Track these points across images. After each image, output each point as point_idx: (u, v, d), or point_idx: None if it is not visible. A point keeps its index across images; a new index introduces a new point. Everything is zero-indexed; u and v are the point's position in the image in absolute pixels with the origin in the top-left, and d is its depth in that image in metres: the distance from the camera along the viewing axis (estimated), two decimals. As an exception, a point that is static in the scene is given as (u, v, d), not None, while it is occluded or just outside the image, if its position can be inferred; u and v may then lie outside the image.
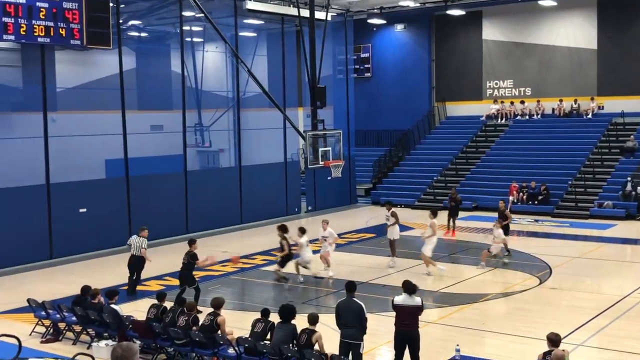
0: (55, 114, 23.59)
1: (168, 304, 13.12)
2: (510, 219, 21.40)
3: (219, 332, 11.70)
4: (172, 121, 26.45)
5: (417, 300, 11.04)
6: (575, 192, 28.57)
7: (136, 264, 17.24)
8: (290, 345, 10.85)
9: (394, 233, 19.88)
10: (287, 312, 11.14)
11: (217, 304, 12.04)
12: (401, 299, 11.06)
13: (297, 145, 30.48)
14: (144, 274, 17.76)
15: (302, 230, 18.39)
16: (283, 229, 18.09)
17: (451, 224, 24.27)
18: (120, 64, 23.36)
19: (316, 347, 10.67)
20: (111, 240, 22.59)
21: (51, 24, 20.01)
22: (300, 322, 11.16)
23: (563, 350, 9.51)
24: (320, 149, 20.88)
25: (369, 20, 36.05)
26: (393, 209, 20.13)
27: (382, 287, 17.24)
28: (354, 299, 11.04)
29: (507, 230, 20.78)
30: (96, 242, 22.39)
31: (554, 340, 9.84)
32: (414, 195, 31.80)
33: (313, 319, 10.96)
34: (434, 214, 18.95)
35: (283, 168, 29.56)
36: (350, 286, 11.22)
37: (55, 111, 23.74)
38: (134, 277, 17.23)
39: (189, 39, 30.13)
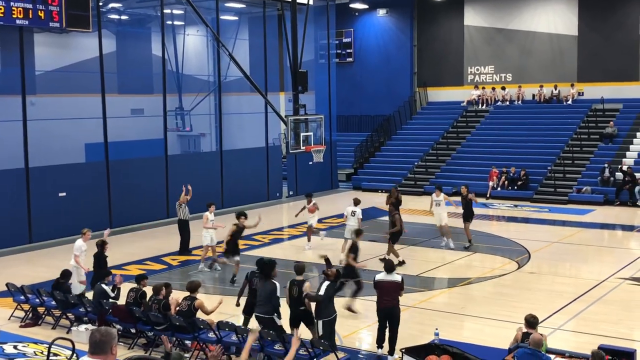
0: (34, 97, 23.37)
1: (147, 289, 13.08)
2: (471, 201, 20.09)
3: (200, 314, 11.70)
4: (153, 105, 26.27)
5: (396, 277, 11.48)
6: (554, 177, 28.81)
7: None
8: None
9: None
10: (268, 268, 11.30)
11: (193, 288, 12.03)
12: (381, 276, 11.55)
13: (278, 130, 30.43)
14: (125, 259, 17.69)
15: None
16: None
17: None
18: (100, 47, 23.14)
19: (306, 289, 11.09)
20: (91, 225, 22.34)
21: (30, 6, 19.75)
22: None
23: (541, 334, 9.65)
24: (302, 134, 20.84)
25: (351, 5, 35.95)
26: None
27: (363, 272, 17.31)
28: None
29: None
30: (76, 226, 22.12)
31: (531, 322, 10.00)
32: (395, 180, 31.88)
33: (300, 269, 11.54)
34: (440, 189, 19.86)
35: (264, 153, 29.51)
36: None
37: (34, 94, 23.52)
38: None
39: (169, 22, 29.88)
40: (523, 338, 9.72)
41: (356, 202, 19.18)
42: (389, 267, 11.64)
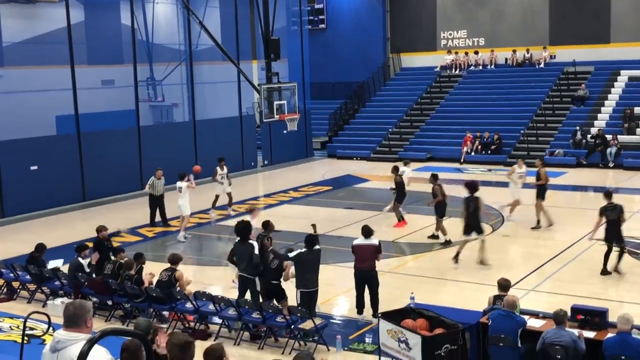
0: (1, 70, 22.96)
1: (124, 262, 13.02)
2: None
3: (178, 287, 11.72)
4: (123, 75, 25.93)
5: (374, 241, 11.71)
6: (527, 141, 29.00)
7: None
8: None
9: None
10: (244, 231, 11.35)
11: (174, 260, 12.04)
12: (359, 240, 11.79)
13: (251, 99, 30.21)
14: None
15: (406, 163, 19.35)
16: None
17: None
18: (67, 17, 22.71)
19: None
20: (64, 198, 22.30)
21: (-7, -25, 19.30)
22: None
23: (513, 295, 9.79)
24: (275, 103, 20.70)
25: (323, -29, 35.56)
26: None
27: (339, 239, 17.39)
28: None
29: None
30: (49, 199, 22.05)
31: (504, 285, 10.16)
32: (369, 148, 31.94)
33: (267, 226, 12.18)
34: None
35: (238, 122, 29.31)
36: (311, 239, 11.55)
37: (1, 67, 23.10)
38: None
39: (138, -9, 29.42)
40: (495, 300, 9.86)
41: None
42: (367, 232, 11.77)
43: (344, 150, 32.44)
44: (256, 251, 11.27)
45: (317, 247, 11.35)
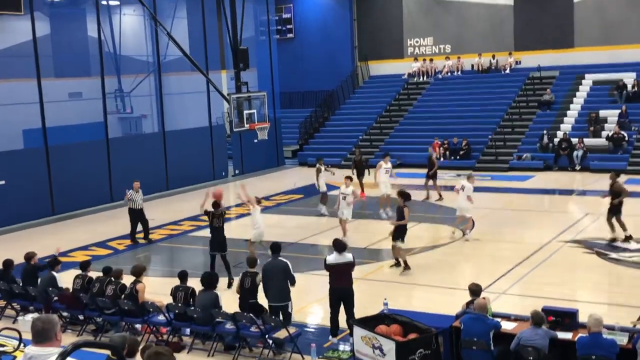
0: (-34, 84, 22.66)
1: (93, 274, 12.94)
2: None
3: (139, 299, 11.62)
4: (91, 88, 25.74)
5: (348, 256, 11.29)
6: (495, 145, 29.33)
7: None
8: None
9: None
10: (210, 280, 11.24)
11: (137, 271, 11.95)
12: (333, 257, 11.26)
13: (221, 108, 30.01)
14: (69, 245, 17.41)
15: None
16: (405, 197, 16.94)
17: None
18: (33, 30, 22.51)
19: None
20: (33, 212, 22.04)
21: (-44, -11, 19.07)
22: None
23: (484, 297, 9.91)
24: (245, 112, 20.72)
25: (290, -20, 35.68)
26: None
27: (311, 247, 17.43)
28: (280, 258, 11.28)
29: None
30: (17, 214, 21.78)
31: (474, 290, 10.27)
32: (340, 155, 32.00)
33: (252, 262, 11.63)
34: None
35: (208, 132, 29.24)
36: (275, 247, 11.48)
37: (-34, 81, 22.81)
38: None
39: (104, 2, 29.23)
40: (467, 306, 9.95)
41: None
42: (341, 247, 11.27)
43: (315, 158, 32.46)
44: (219, 302, 11.04)
45: (282, 259, 11.33)
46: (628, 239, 16.18)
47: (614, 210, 16.35)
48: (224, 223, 14.91)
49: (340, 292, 11.20)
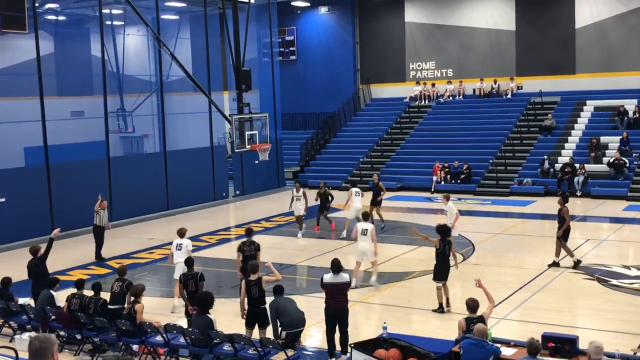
0: (-31, 101, 22.75)
1: (87, 292, 12.86)
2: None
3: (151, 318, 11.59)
4: (93, 107, 25.84)
5: (344, 276, 11.30)
6: (496, 170, 29.35)
7: None
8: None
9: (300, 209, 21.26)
10: (204, 302, 11.13)
11: (136, 292, 11.89)
12: (329, 277, 11.27)
13: (223, 129, 30.25)
14: (68, 264, 17.35)
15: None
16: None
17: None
18: (37, 49, 22.61)
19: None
20: (32, 230, 21.98)
21: (-38, 7, 19.20)
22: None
23: (483, 324, 9.85)
24: (247, 133, 20.78)
25: (293, 3, 35.96)
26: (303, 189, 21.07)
27: (311, 269, 17.38)
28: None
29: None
30: (16, 232, 21.74)
31: (471, 306, 10.20)
32: (341, 177, 32.04)
33: (254, 268, 11.62)
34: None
35: (209, 153, 29.27)
36: (279, 289, 11.52)
37: (-31, 98, 22.91)
38: None
39: (109, 22, 29.44)
40: (468, 324, 9.87)
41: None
42: (338, 268, 11.27)
43: (316, 179, 32.45)
44: (214, 326, 10.88)
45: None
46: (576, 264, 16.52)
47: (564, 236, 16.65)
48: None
49: (335, 312, 11.21)
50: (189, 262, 12.77)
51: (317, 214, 22.25)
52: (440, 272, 13.69)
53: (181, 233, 15.06)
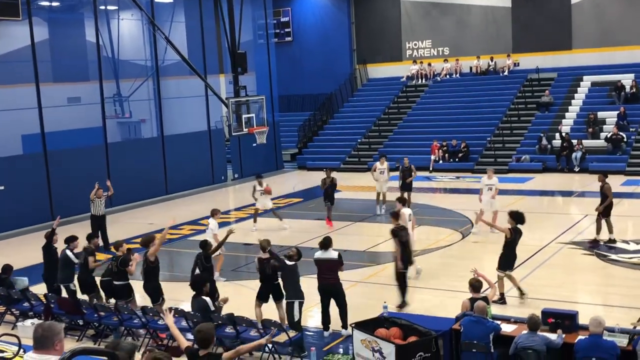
0: (-35, 90, 22.66)
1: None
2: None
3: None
4: (90, 92, 25.72)
5: (333, 254, 11.59)
6: (494, 147, 29.35)
7: None
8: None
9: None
10: (196, 285, 11.25)
11: (146, 241, 12.52)
12: (319, 254, 11.69)
13: (220, 112, 30.17)
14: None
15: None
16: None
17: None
18: (31, 35, 22.52)
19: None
20: (31, 218, 22.01)
21: (-46, -5, 19.08)
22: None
23: (485, 296, 9.94)
24: (244, 116, 20.72)
25: (287, -16, 35.70)
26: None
27: (310, 250, 17.38)
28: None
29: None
30: (16, 219, 21.76)
31: (475, 286, 10.28)
32: (339, 158, 32.05)
33: (265, 244, 11.78)
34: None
35: (207, 136, 29.24)
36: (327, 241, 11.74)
37: (-35, 86, 22.81)
38: None
39: (102, 7, 29.18)
40: (470, 303, 9.93)
41: None
42: (325, 245, 11.66)
43: (314, 161, 32.51)
44: (210, 306, 11.00)
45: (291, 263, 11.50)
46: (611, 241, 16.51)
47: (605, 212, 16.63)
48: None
49: (326, 287, 11.56)
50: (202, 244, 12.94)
51: (326, 206, 20.30)
52: (507, 261, 12.84)
53: (212, 213, 15.83)
